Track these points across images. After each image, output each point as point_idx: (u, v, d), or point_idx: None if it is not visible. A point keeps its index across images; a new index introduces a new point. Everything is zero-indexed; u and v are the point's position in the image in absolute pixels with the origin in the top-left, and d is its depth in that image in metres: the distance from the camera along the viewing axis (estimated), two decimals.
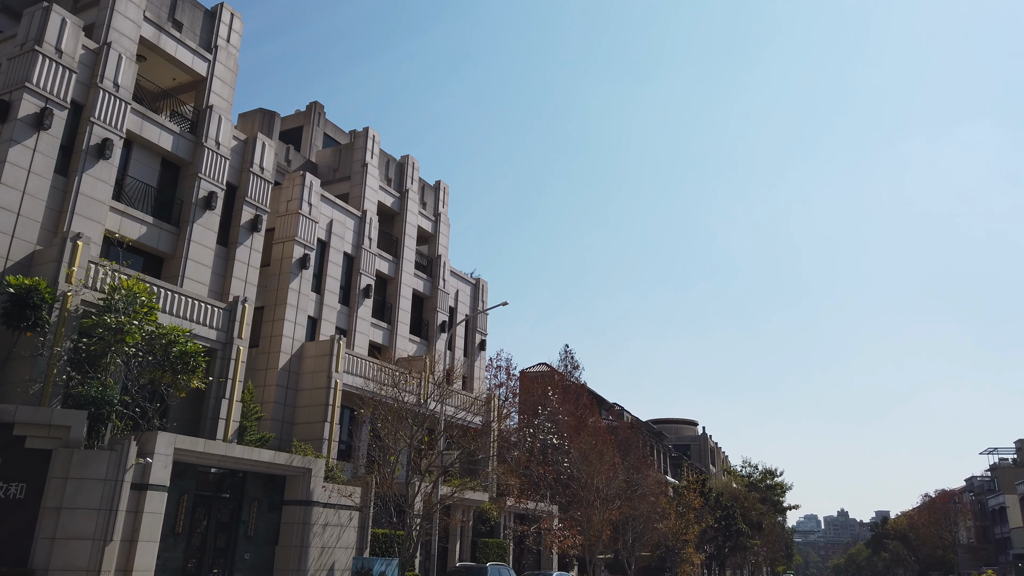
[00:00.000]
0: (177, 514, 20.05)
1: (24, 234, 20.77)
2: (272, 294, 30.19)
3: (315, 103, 38.85)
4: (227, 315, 24.86)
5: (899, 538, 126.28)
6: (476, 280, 43.40)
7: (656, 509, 46.22)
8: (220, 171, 26.85)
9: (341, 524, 24.27)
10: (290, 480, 23.49)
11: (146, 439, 18.80)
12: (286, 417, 28.99)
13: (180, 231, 25.60)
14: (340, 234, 33.43)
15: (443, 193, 41.79)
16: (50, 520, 16.99)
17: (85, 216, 22.21)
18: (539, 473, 32.98)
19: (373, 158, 36.69)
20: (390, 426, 25.91)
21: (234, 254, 27.31)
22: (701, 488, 59.71)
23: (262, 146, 28.80)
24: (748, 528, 62.03)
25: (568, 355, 49.47)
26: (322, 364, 29.54)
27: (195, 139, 26.41)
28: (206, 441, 20.21)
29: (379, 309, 35.94)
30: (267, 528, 22.77)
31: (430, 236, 40.66)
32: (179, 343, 19.71)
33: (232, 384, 24.37)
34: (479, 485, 28.59)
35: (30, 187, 21.00)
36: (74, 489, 17.28)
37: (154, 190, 25.40)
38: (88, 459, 17.57)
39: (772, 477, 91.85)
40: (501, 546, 33.71)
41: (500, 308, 48.55)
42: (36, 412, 17.64)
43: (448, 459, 25.71)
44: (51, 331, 19.34)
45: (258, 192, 28.43)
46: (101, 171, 22.86)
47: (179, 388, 19.92)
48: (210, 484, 21.63)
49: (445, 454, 25.73)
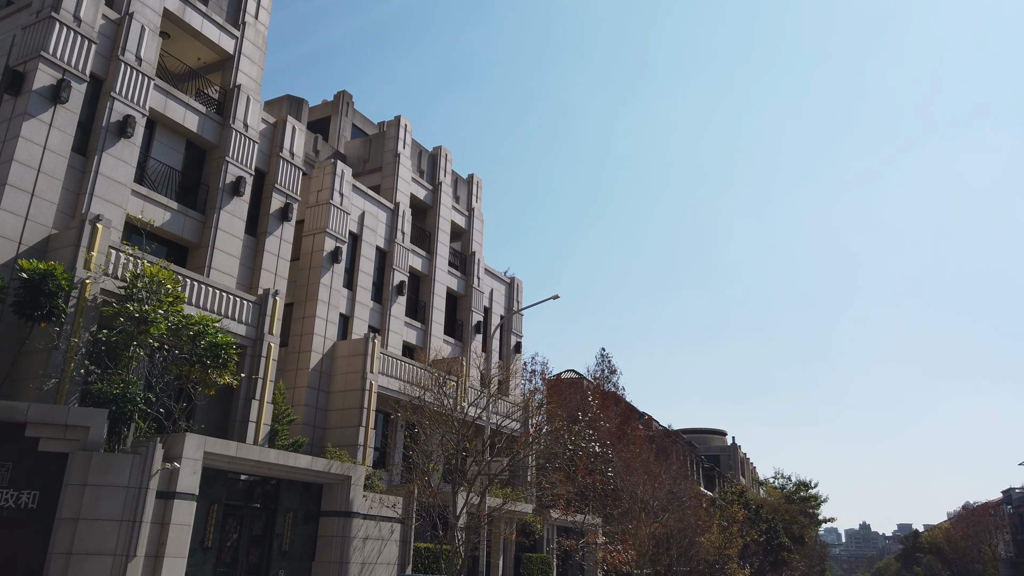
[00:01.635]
0: (206, 526, 17.96)
1: (39, 216, 18.86)
2: (302, 290, 28.18)
3: (343, 92, 36.97)
4: (257, 309, 22.87)
5: (934, 552, 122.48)
6: (511, 279, 41.28)
7: (697, 522, 43.73)
8: (248, 155, 24.94)
9: (382, 537, 22.10)
10: (327, 489, 21.37)
11: (173, 441, 16.75)
12: (317, 421, 26.90)
13: (206, 218, 23.67)
14: (372, 227, 31.43)
15: (476, 187, 39.77)
16: (66, 532, 14.95)
17: (105, 199, 20.30)
18: (585, 483, 30.66)
19: (405, 148, 34.73)
20: (431, 432, 23.87)
21: (263, 245, 25.35)
22: (739, 500, 57.06)
23: (292, 130, 26.89)
24: (790, 542, 59.30)
25: (605, 359, 47.10)
26: (355, 364, 27.45)
27: (222, 120, 24.53)
28: (238, 444, 18.12)
29: (412, 308, 33.87)
30: (303, 542, 20.62)
31: (463, 232, 38.60)
32: (209, 334, 17.66)
33: (263, 384, 22.33)
34: (521, 496, 26.42)
35: (46, 165, 19.12)
36: (93, 497, 15.24)
37: (178, 174, 23.50)
38: (109, 463, 15.53)
39: (806, 489, 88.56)
40: (545, 562, 31.39)
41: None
42: (51, 411, 15.64)
43: (497, 467, 23.53)
44: (68, 321, 17.37)
45: (288, 179, 26.49)
46: (122, 151, 20.98)
47: (208, 385, 17.85)
48: (241, 493, 19.54)
49: (495, 462, 23.54)
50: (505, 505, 24.61)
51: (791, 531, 61.67)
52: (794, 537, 61.89)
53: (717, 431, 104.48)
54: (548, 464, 29.27)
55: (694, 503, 47.56)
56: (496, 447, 25.60)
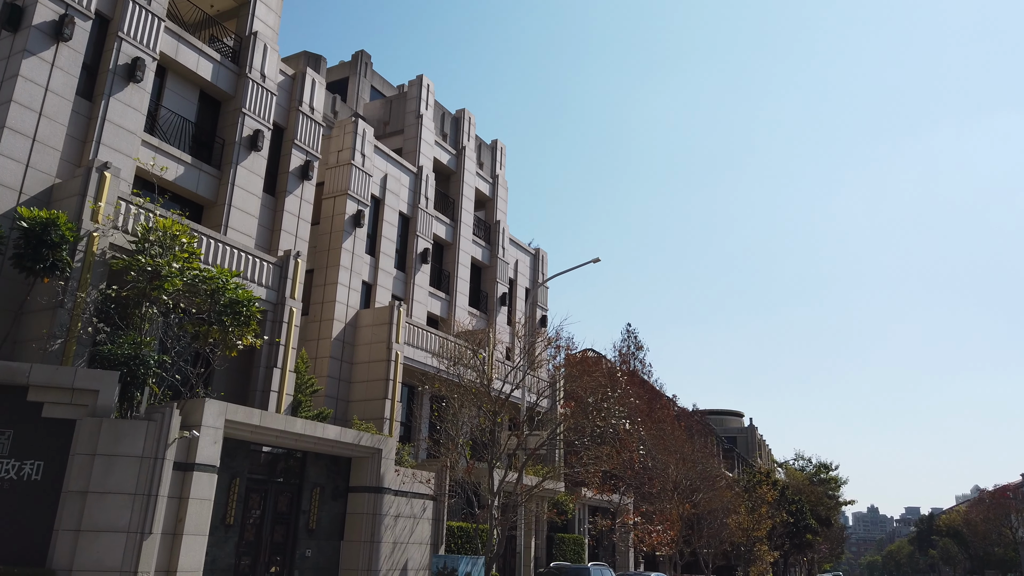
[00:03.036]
0: (228, 502, 16.40)
1: (41, 164, 17.19)
2: (323, 255, 26.50)
3: (361, 52, 35.11)
4: (278, 271, 21.22)
5: (951, 535, 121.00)
6: (536, 251, 39.51)
7: (727, 503, 42.23)
8: (266, 108, 23.19)
9: (414, 515, 20.55)
10: (356, 463, 19.79)
11: (191, 408, 15.15)
12: (340, 394, 25.31)
13: (222, 174, 21.97)
14: (395, 191, 29.68)
15: (500, 154, 37.91)
16: (74, 508, 13.39)
17: (113, 148, 18.61)
18: (621, 461, 29.04)
19: (428, 109, 32.89)
20: (461, 405, 22.30)
21: (282, 204, 23.66)
22: (766, 480, 55.53)
23: (311, 83, 25.10)
24: (817, 524, 57.84)
25: (631, 335, 45.28)
26: (380, 334, 25.81)
27: (237, 69, 22.76)
28: (262, 412, 16.51)
29: (436, 277, 32.19)
30: (330, 519, 19.07)
31: (487, 200, 36.80)
32: (228, 289, 15.98)
33: (284, 351, 20.72)
34: (550, 473, 24.90)
35: (48, 108, 17.42)
36: (104, 468, 13.66)
37: (192, 126, 21.78)
38: (121, 431, 13.95)
39: (827, 471, 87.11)
40: (578, 542, 29.88)
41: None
42: (56, 373, 14.05)
43: (536, 440, 21.91)
44: (74, 277, 15.74)
45: (308, 135, 24.74)
46: (131, 96, 19.26)
47: (229, 347, 16.18)
48: (264, 467, 17.96)
49: (533, 435, 21.93)
50: (543, 483, 22.96)
51: (817, 513, 60.10)
52: (820, 519, 60.35)
53: (734, 412, 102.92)
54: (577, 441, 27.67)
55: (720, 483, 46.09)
56: (532, 422, 23.96)
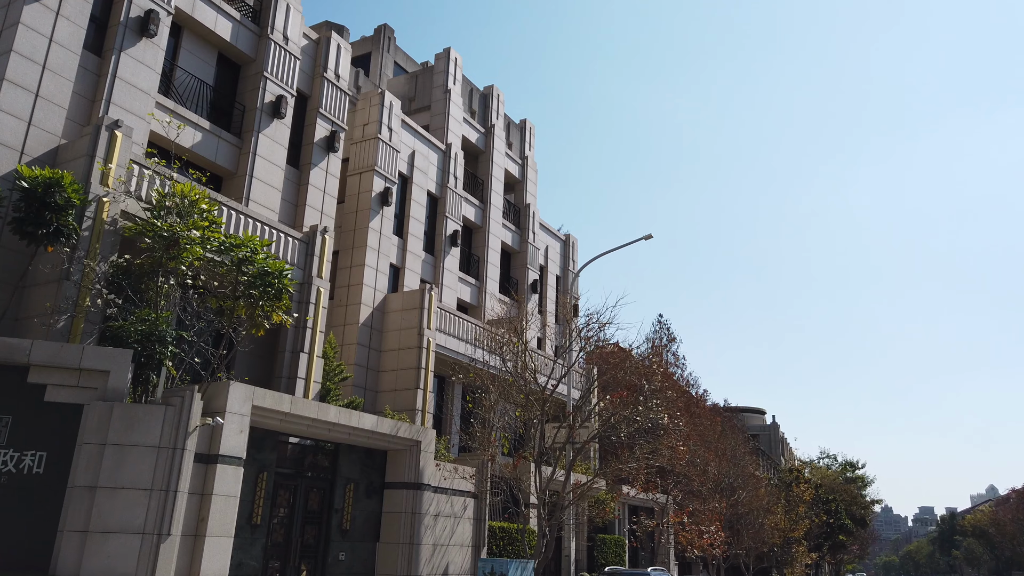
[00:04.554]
0: (254, 499, 14.58)
1: (45, 122, 15.43)
2: (348, 236, 24.68)
3: (384, 26, 33.30)
4: (304, 248, 19.42)
5: (977, 535, 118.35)
6: (566, 236, 37.58)
7: (764, 503, 40.24)
8: (289, 72, 21.40)
9: (455, 515, 18.68)
10: (393, 457, 17.94)
11: (214, 392, 13.34)
12: (368, 383, 23.49)
13: (243, 143, 20.19)
14: (423, 169, 27.83)
15: (529, 134, 36.00)
16: (81, 504, 11.61)
17: (124, 108, 16.85)
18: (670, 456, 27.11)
19: (456, 84, 31.02)
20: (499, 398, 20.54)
21: (307, 178, 21.86)
22: (798, 479, 53.49)
23: (336, 48, 23.29)
24: (852, 524, 55.72)
25: (663, 327, 43.33)
26: (410, 320, 23.97)
27: (259, 31, 20.98)
28: (293, 398, 14.67)
29: (465, 262, 30.34)
30: (365, 519, 17.22)
31: (516, 182, 34.90)
32: (258, 259, 14.13)
33: (312, 335, 18.91)
34: (604, 470, 23.11)
35: (52, 61, 15.66)
36: (115, 460, 11.87)
37: (210, 90, 20.00)
38: (135, 417, 12.15)
39: (853, 469, 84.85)
40: (620, 544, 27.97)
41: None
42: (60, 351, 12.26)
43: (587, 433, 20.06)
44: (82, 246, 13.98)
45: (334, 104, 22.94)
46: (144, 52, 17.49)
47: (257, 324, 14.35)
48: (292, 460, 16.14)
49: (584, 427, 20.06)
50: (594, 480, 21.04)
51: (851, 513, 57.96)
52: (855, 519, 58.20)
53: (756, 409, 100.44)
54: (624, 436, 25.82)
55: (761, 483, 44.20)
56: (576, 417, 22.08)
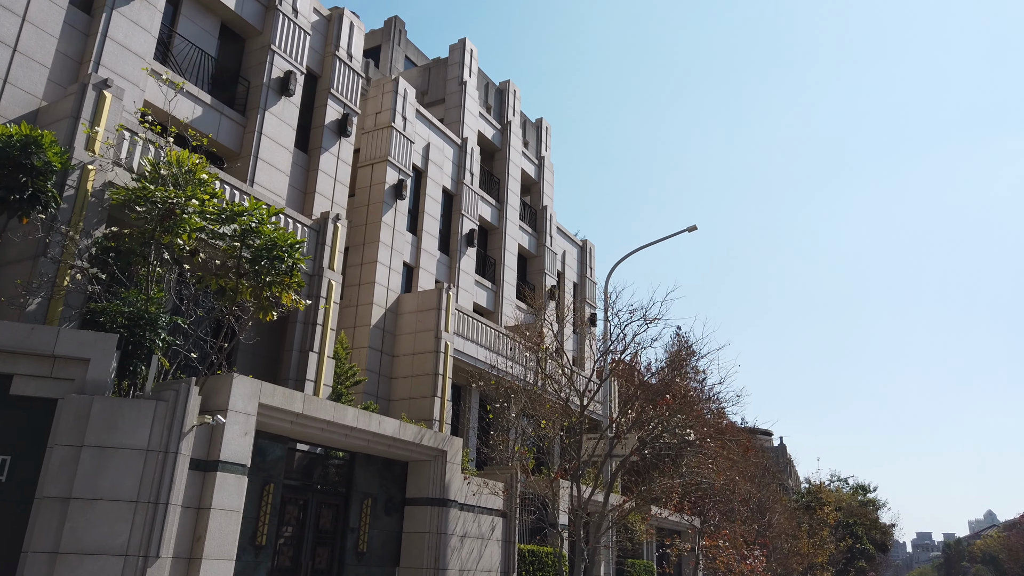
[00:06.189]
0: (259, 515, 12.43)
1: (25, 81, 13.50)
2: (359, 231, 22.72)
3: (395, 18, 31.63)
4: (315, 236, 17.44)
5: (986, 562, 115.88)
6: (583, 242, 35.70)
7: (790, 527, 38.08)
8: (299, 48, 19.58)
9: (483, 535, 16.52)
10: (414, 468, 15.81)
11: (214, 386, 11.27)
12: (381, 391, 21.40)
13: (247, 121, 18.29)
14: (438, 163, 25.97)
15: (546, 133, 34.26)
16: (51, 519, 9.49)
17: (115, 72, 14.94)
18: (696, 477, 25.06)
19: (471, 77, 29.29)
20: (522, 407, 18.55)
21: (316, 163, 19.95)
22: (820, 501, 51.32)
23: (349, 26, 21.51)
24: (874, 549, 53.45)
25: (682, 340, 41.18)
26: (426, 322, 21.95)
27: (267, 0, 19.19)
28: (306, 397, 12.57)
29: (481, 264, 28.39)
30: (384, 540, 15.05)
31: (533, 183, 33.08)
32: (263, 231, 12.10)
33: (323, 332, 16.87)
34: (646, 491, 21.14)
35: (34, 13, 13.77)
36: (94, 465, 9.76)
37: (212, 62, 18.13)
38: (119, 414, 10.06)
39: (864, 493, 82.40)
40: (649, 569, 25.74)
41: None
42: (30, 334, 10.20)
43: (629, 445, 18.02)
44: (62, 220, 11.98)
45: (346, 85, 21.10)
46: (139, 12, 15.63)
47: (264, 308, 12.29)
48: (301, 470, 14.02)
49: (625, 439, 18.03)
50: (636, 496, 18.95)
51: (872, 537, 55.65)
52: (876, 544, 55.88)
53: (763, 431, 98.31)
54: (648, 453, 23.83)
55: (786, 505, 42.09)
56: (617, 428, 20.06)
